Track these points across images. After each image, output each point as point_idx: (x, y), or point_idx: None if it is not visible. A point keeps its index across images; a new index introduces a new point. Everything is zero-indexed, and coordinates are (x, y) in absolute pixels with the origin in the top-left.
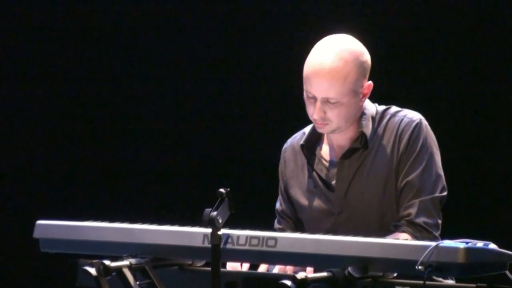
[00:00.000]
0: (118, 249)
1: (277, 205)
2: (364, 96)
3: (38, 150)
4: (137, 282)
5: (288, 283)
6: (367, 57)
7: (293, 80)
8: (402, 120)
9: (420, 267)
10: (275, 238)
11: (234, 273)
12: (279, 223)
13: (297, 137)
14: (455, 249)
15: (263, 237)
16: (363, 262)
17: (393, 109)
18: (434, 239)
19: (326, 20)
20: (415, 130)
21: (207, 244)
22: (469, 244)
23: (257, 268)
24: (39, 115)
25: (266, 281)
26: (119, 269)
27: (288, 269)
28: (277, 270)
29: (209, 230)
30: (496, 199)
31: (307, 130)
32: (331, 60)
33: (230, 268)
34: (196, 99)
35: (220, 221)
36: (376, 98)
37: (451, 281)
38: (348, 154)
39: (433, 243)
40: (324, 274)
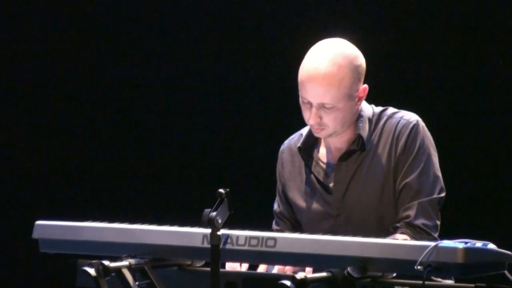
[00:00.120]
0: (118, 250)
1: (275, 206)
2: (360, 100)
3: (37, 151)
4: (137, 283)
5: (288, 283)
6: (362, 61)
7: (292, 81)
8: (399, 122)
9: (419, 267)
10: (275, 239)
11: (234, 273)
12: (277, 224)
13: (295, 139)
14: (454, 249)
15: (263, 238)
16: (363, 262)
17: (390, 111)
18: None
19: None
20: (412, 132)
21: (207, 245)
22: (468, 244)
23: (257, 269)
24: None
25: (266, 281)
26: (119, 270)
27: (287, 270)
28: (276, 271)
29: (209, 231)
30: (495, 199)
31: (304, 132)
32: (325, 66)
33: (229, 268)
34: (196, 100)
35: (220, 222)
36: (373, 100)
37: (450, 281)
38: (346, 157)
39: (432, 243)
40: (324, 274)
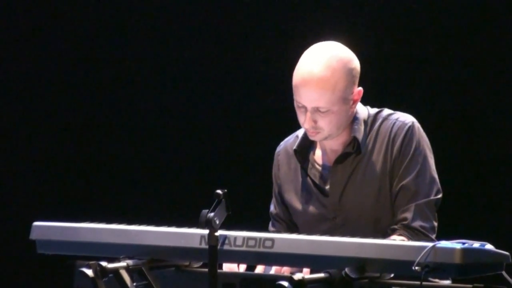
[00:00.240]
0: (115, 251)
1: (271, 208)
2: (355, 102)
3: (35, 152)
4: (134, 284)
5: (285, 284)
6: (356, 64)
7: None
8: (395, 124)
9: (417, 268)
10: (272, 239)
11: (231, 274)
12: (274, 226)
13: (290, 140)
14: (452, 250)
15: (260, 238)
16: (360, 263)
17: (385, 112)
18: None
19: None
20: (408, 134)
21: (204, 245)
22: (466, 245)
23: (254, 270)
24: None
25: (263, 282)
26: (116, 271)
27: (285, 270)
28: (274, 272)
29: (206, 231)
30: (493, 200)
31: (300, 134)
32: (319, 70)
33: (227, 269)
34: (194, 101)
35: (217, 222)
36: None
37: (448, 281)
38: (341, 159)
39: (430, 244)
40: (321, 275)
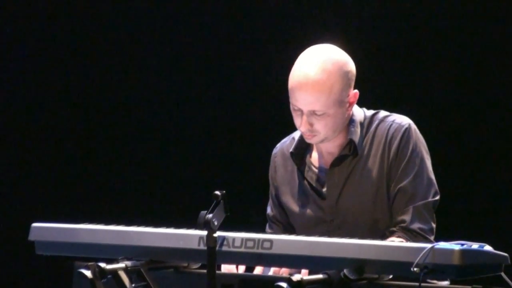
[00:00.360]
0: (114, 252)
1: (268, 210)
2: (351, 105)
3: (34, 152)
4: (133, 285)
5: (284, 285)
6: (351, 66)
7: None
8: (391, 126)
9: (416, 269)
10: (271, 240)
11: (230, 275)
12: (270, 228)
13: (287, 142)
14: (451, 251)
15: (259, 239)
16: (359, 264)
17: (382, 114)
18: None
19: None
20: (405, 136)
21: (203, 246)
22: (465, 246)
23: (253, 271)
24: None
25: (262, 283)
26: (115, 272)
27: (283, 272)
28: (272, 273)
29: (205, 232)
30: (491, 201)
31: (296, 136)
32: (315, 73)
33: (226, 270)
34: (193, 102)
35: (216, 223)
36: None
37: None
38: (338, 162)
39: (429, 245)
40: (320, 276)
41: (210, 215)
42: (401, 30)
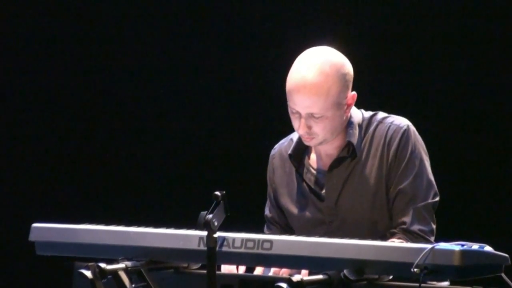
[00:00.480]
0: (114, 252)
1: (266, 211)
2: (349, 107)
3: (34, 153)
4: (133, 285)
5: (284, 286)
6: (349, 68)
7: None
8: (390, 127)
9: (416, 270)
10: (271, 241)
11: (230, 276)
12: (269, 229)
13: (285, 144)
14: (451, 252)
15: (259, 240)
16: (359, 265)
17: (380, 115)
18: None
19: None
20: (403, 137)
21: (203, 247)
22: (465, 247)
23: (253, 271)
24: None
25: (262, 284)
26: (115, 272)
27: (283, 272)
28: (272, 273)
29: (205, 233)
30: (491, 202)
31: (295, 137)
32: (312, 75)
33: (226, 271)
34: (192, 102)
35: (216, 224)
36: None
37: (446, 283)
38: (337, 163)
39: (429, 246)
40: (320, 277)
41: (210, 216)
42: (399, 31)
